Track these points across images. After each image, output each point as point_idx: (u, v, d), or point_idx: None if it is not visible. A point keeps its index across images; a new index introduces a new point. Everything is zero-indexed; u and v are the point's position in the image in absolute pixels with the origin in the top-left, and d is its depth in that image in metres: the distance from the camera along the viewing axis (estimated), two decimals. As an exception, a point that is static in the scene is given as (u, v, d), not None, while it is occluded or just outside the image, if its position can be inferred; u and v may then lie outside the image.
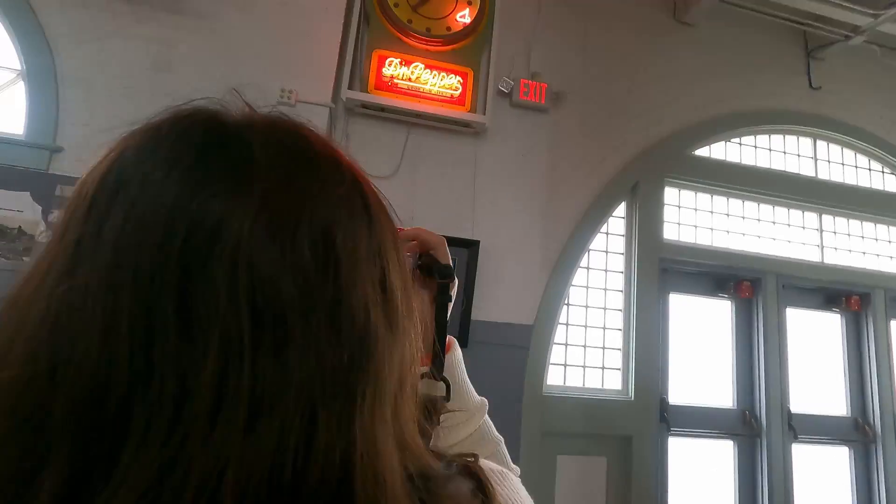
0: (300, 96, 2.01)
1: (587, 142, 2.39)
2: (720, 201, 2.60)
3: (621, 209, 2.45)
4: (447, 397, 0.50)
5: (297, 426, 0.22)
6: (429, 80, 2.12)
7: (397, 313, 0.29)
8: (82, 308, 0.22)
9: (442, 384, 0.51)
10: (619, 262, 2.41)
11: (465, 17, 2.19)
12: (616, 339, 2.34)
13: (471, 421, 0.56)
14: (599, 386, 2.28)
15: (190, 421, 0.21)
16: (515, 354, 2.12)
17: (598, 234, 2.38)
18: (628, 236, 2.43)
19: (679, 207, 2.54)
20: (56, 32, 1.91)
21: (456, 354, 0.58)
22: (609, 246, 2.42)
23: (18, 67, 1.89)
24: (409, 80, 2.11)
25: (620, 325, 2.35)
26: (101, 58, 1.93)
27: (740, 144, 2.67)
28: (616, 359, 2.33)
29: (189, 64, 1.99)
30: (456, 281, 0.57)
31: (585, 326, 2.32)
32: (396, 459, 0.26)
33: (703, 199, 2.58)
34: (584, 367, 2.28)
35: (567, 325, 2.30)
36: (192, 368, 0.22)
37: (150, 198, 0.24)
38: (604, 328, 2.34)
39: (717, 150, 2.62)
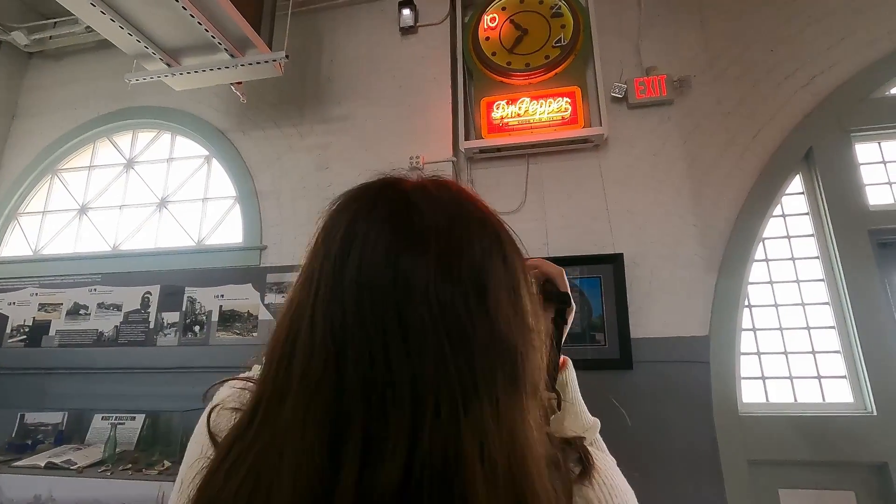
0: (426, 158, 2.27)
1: (730, 120, 2.11)
2: (951, 142, 1.97)
3: (796, 184, 2.06)
4: (557, 406, 0.54)
5: (487, 410, 0.32)
6: (537, 111, 2.18)
7: (530, 332, 0.37)
8: (346, 322, 0.34)
9: (553, 395, 0.56)
10: (809, 247, 2.00)
11: (560, 40, 2.23)
12: (830, 340, 1.89)
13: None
14: (819, 400, 1.85)
15: (421, 408, 0.31)
16: (693, 371, 1.88)
17: (771, 220, 2.02)
18: (815, 213, 2.01)
19: (884, 164, 2.02)
20: (252, 161, 2.55)
21: (569, 373, 0.61)
22: (790, 230, 2.03)
23: (234, 194, 2.57)
24: (518, 115, 2.21)
25: (832, 321, 1.90)
26: (282, 172, 2.50)
27: (964, 63, 2.03)
28: (836, 364, 1.87)
29: (340, 159, 2.44)
30: (573, 307, 0.62)
31: (780, 329, 1.94)
32: (540, 446, 0.34)
33: (922, 144, 2.00)
34: (790, 377, 1.89)
35: (754, 330, 1.96)
36: (417, 368, 0.32)
37: (368, 253, 0.36)
38: (807, 328, 1.92)
39: (927, 81, 2.03)
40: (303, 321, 0.35)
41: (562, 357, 0.61)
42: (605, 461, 0.40)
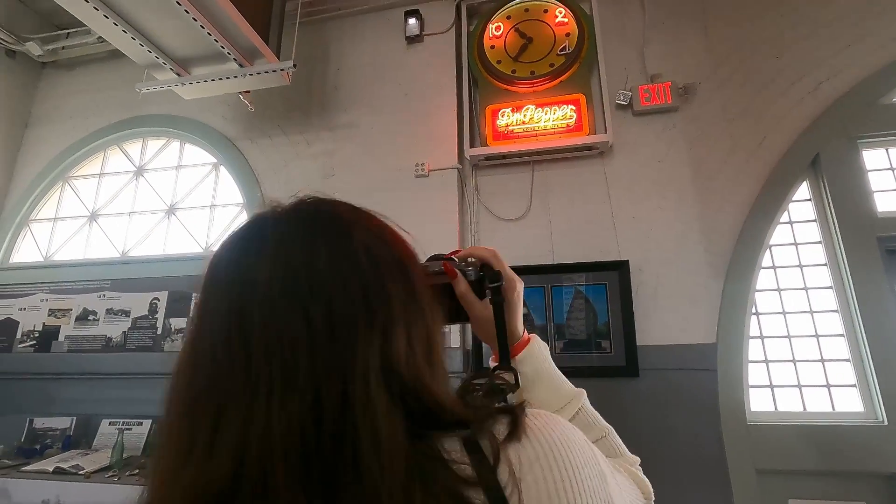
0: (432, 165, 2.28)
1: (735, 127, 2.11)
2: (960, 148, 1.96)
3: (803, 190, 2.05)
4: (515, 384, 0.54)
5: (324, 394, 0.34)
6: (542, 118, 2.19)
7: (393, 323, 0.38)
8: (202, 343, 0.38)
9: (510, 374, 0.55)
10: (817, 254, 1.98)
11: (565, 48, 2.25)
12: (839, 348, 1.87)
13: (565, 409, 0.56)
14: (828, 409, 1.83)
15: (258, 401, 0.34)
16: (700, 379, 1.87)
17: (778, 226, 2.01)
18: (822, 220, 2.00)
19: (892, 170, 2.00)
20: (259, 169, 2.58)
21: (534, 348, 0.60)
22: (797, 237, 2.02)
23: (241, 201, 2.59)
24: (523, 123, 2.22)
25: (841, 329, 1.88)
26: (288, 179, 2.52)
27: (972, 69, 2.02)
28: (846, 373, 1.85)
29: (345, 166, 2.45)
30: (518, 284, 0.61)
31: (788, 337, 1.92)
32: (396, 415, 0.35)
33: (930, 151, 1.99)
34: (798, 386, 1.87)
35: (762, 338, 1.95)
36: (254, 367, 0.35)
37: (222, 272, 0.41)
38: (816, 336, 1.90)
39: (935, 87, 2.02)
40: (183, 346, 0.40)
41: (525, 335, 0.61)
42: (545, 421, 0.39)
